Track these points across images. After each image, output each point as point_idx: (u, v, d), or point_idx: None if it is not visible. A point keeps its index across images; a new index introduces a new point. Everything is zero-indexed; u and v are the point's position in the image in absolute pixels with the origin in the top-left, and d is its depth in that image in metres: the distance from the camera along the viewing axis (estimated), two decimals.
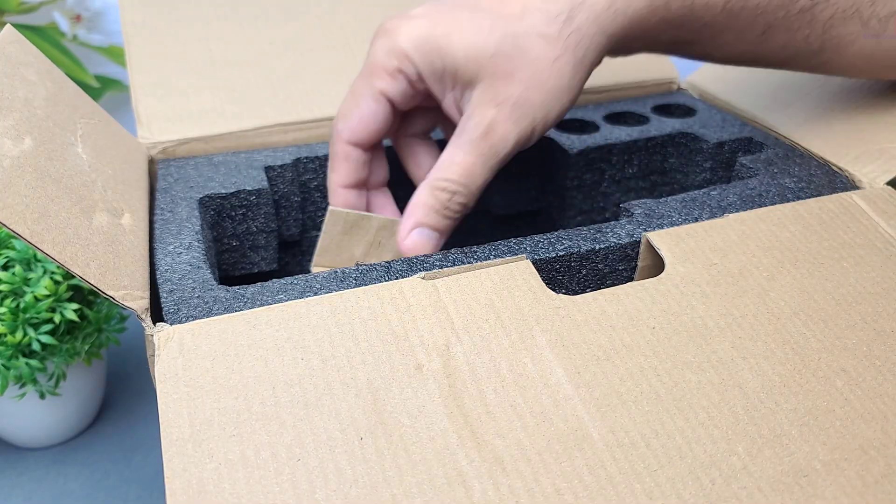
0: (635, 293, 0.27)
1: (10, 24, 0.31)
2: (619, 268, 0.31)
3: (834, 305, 0.27)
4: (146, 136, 0.38)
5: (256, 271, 0.38)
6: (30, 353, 0.38)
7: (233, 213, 0.36)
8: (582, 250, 0.30)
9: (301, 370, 0.23)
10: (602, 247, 0.30)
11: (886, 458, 0.22)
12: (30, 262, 0.38)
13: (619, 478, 0.21)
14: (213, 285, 0.27)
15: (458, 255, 0.29)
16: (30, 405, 0.41)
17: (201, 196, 0.34)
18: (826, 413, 0.24)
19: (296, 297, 0.26)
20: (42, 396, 0.40)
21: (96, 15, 0.59)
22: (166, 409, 0.22)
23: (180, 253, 0.29)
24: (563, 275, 0.30)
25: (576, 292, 0.30)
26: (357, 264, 0.29)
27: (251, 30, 0.43)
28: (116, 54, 0.61)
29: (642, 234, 0.30)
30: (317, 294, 0.26)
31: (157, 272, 0.28)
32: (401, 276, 0.28)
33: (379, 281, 0.27)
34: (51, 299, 0.38)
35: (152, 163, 0.37)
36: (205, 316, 0.25)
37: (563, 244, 0.30)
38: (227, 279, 0.37)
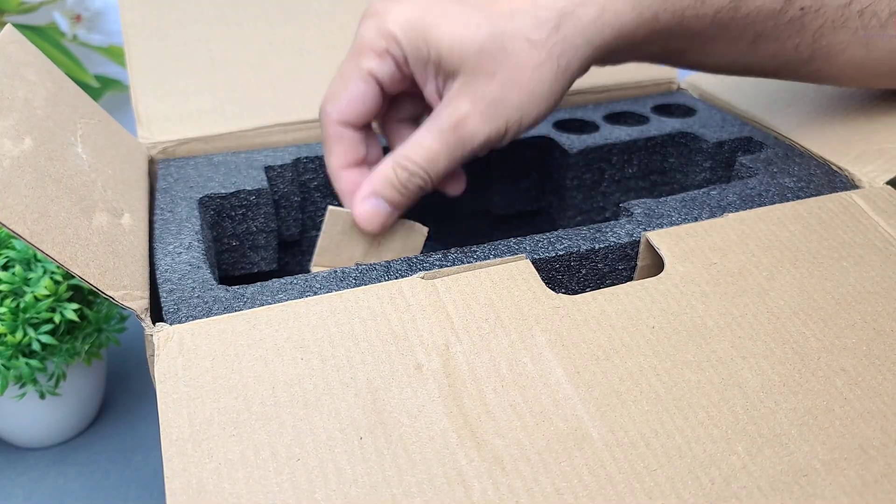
0: (635, 293, 0.27)
1: (10, 24, 0.31)
2: (618, 267, 0.31)
3: (833, 305, 0.27)
4: (146, 136, 0.38)
5: (256, 271, 0.38)
6: (30, 353, 0.38)
7: (233, 213, 0.36)
8: (582, 250, 0.30)
9: (301, 370, 0.23)
10: (602, 246, 0.30)
11: (886, 458, 0.22)
12: (30, 262, 0.38)
13: (619, 477, 0.21)
14: (212, 285, 0.27)
15: (458, 254, 0.29)
16: (30, 405, 0.41)
17: (201, 196, 0.34)
18: (826, 412, 0.24)
19: (295, 297, 0.26)
20: (42, 396, 0.40)
21: (96, 15, 0.59)
22: (166, 409, 0.22)
23: (180, 253, 0.29)
24: (563, 274, 0.30)
25: (576, 292, 0.30)
26: (357, 264, 0.29)
27: (251, 30, 0.43)
28: (116, 54, 0.61)
29: (642, 233, 0.30)
30: (316, 294, 0.26)
31: (157, 272, 0.28)
32: (400, 275, 0.28)
33: (379, 281, 0.27)
34: (51, 299, 0.38)
35: (152, 163, 0.37)
36: (205, 316, 0.25)
37: (563, 244, 0.30)
38: (227, 279, 0.37)
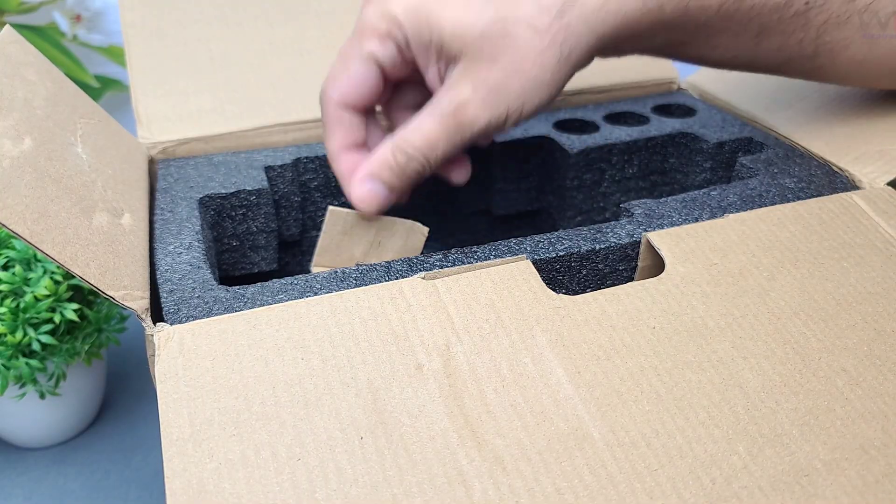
0: (635, 293, 0.27)
1: (9, 24, 0.31)
2: (619, 268, 0.31)
3: (834, 305, 0.27)
4: (146, 136, 0.38)
5: (256, 271, 0.38)
6: (30, 353, 0.38)
7: (233, 213, 0.36)
8: (582, 250, 0.30)
9: (301, 370, 0.23)
10: (602, 247, 0.30)
11: (887, 458, 0.22)
12: (30, 262, 0.38)
13: (620, 477, 0.21)
14: (213, 285, 0.27)
15: (458, 255, 0.29)
16: (30, 405, 0.41)
17: (201, 196, 0.34)
18: (826, 412, 0.24)
19: (296, 297, 0.26)
20: (42, 396, 0.40)
21: (96, 15, 0.59)
22: (166, 409, 0.22)
23: (180, 253, 0.29)
24: (564, 275, 0.30)
25: (576, 292, 0.30)
26: (357, 264, 0.29)
27: (251, 30, 0.43)
28: (116, 54, 0.61)
29: (642, 234, 0.30)
30: (317, 294, 0.26)
31: (157, 272, 0.28)
32: (401, 276, 0.28)
33: (379, 281, 0.27)
34: (51, 299, 0.38)
35: (152, 163, 0.37)
36: (205, 316, 0.25)
37: (564, 244, 0.30)
38: (227, 279, 0.37)
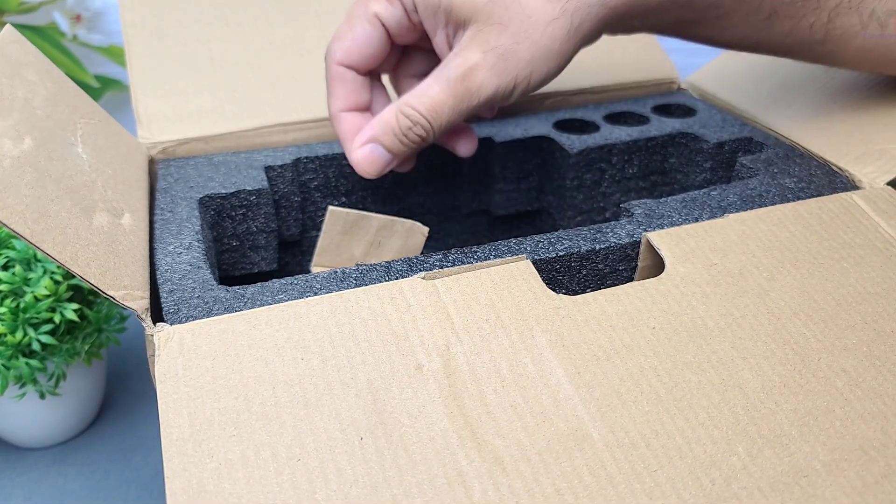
0: (635, 293, 0.27)
1: (10, 24, 0.31)
2: (619, 268, 0.31)
3: (834, 305, 0.27)
4: (146, 136, 0.38)
5: (256, 271, 0.38)
6: (30, 353, 0.38)
7: (233, 213, 0.36)
8: (582, 250, 0.30)
9: (301, 370, 0.23)
10: (602, 247, 0.30)
11: (886, 459, 0.22)
12: (30, 262, 0.38)
13: (620, 478, 0.21)
14: (213, 285, 0.27)
15: (458, 255, 0.29)
16: (30, 405, 0.41)
17: (201, 196, 0.34)
18: (826, 413, 0.24)
19: (296, 297, 0.26)
20: (42, 396, 0.40)
21: (96, 15, 0.59)
22: (166, 409, 0.22)
23: (180, 253, 0.29)
24: (564, 275, 0.30)
25: (576, 292, 0.30)
26: (357, 264, 0.29)
27: (251, 30, 0.43)
28: (116, 54, 0.61)
29: (642, 234, 0.30)
30: (317, 294, 0.26)
31: (158, 272, 0.28)
32: (401, 276, 0.28)
33: (379, 281, 0.27)
34: (51, 299, 0.38)
35: (152, 163, 0.37)
36: (205, 316, 0.25)
37: (563, 244, 0.30)
38: (227, 279, 0.37)
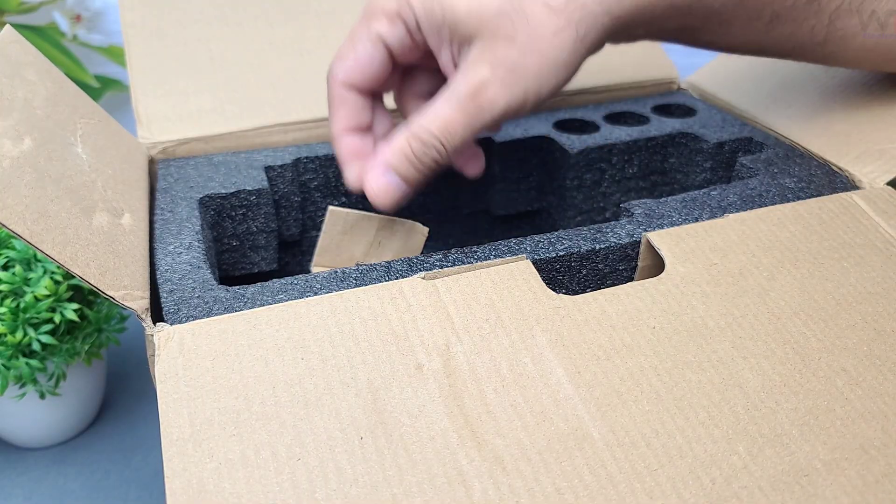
0: (635, 293, 0.27)
1: (9, 24, 0.31)
2: (619, 268, 0.31)
3: (834, 305, 0.27)
4: (146, 136, 0.38)
5: (256, 271, 0.38)
6: (30, 353, 0.38)
7: (233, 213, 0.36)
8: (582, 250, 0.30)
9: (301, 370, 0.23)
10: (602, 247, 0.30)
11: (887, 458, 0.22)
12: (30, 262, 0.38)
13: (620, 477, 0.21)
14: (213, 285, 0.27)
15: (458, 255, 0.29)
16: (30, 405, 0.41)
17: (201, 196, 0.34)
18: (826, 412, 0.24)
19: (296, 297, 0.26)
20: (42, 396, 0.40)
21: (96, 15, 0.59)
22: (166, 409, 0.22)
23: (180, 253, 0.29)
24: (564, 275, 0.30)
25: (576, 292, 0.30)
26: (357, 264, 0.29)
27: (251, 30, 0.43)
28: (116, 54, 0.61)
29: (642, 234, 0.30)
30: (317, 294, 0.26)
31: (157, 272, 0.28)
32: (401, 276, 0.28)
33: (379, 281, 0.27)
34: (51, 299, 0.38)
35: (152, 163, 0.37)
36: (205, 316, 0.25)
37: (563, 244, 0.30)
38: (227, 279, 0.37)
